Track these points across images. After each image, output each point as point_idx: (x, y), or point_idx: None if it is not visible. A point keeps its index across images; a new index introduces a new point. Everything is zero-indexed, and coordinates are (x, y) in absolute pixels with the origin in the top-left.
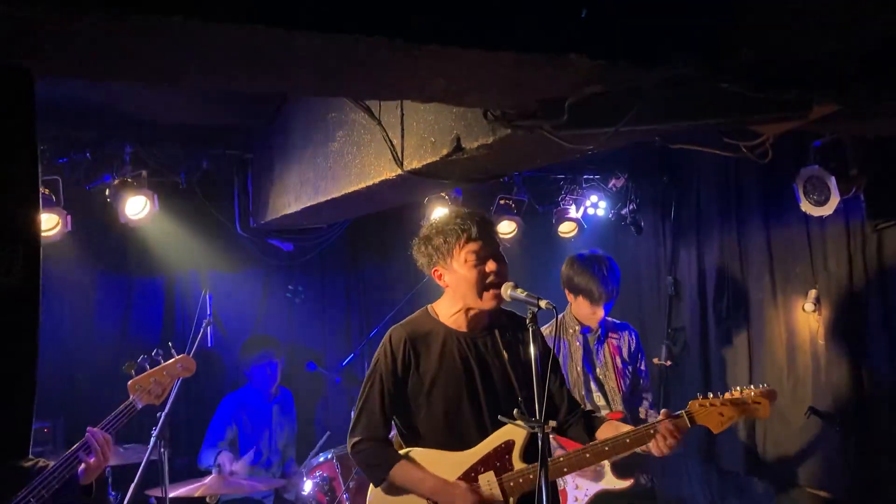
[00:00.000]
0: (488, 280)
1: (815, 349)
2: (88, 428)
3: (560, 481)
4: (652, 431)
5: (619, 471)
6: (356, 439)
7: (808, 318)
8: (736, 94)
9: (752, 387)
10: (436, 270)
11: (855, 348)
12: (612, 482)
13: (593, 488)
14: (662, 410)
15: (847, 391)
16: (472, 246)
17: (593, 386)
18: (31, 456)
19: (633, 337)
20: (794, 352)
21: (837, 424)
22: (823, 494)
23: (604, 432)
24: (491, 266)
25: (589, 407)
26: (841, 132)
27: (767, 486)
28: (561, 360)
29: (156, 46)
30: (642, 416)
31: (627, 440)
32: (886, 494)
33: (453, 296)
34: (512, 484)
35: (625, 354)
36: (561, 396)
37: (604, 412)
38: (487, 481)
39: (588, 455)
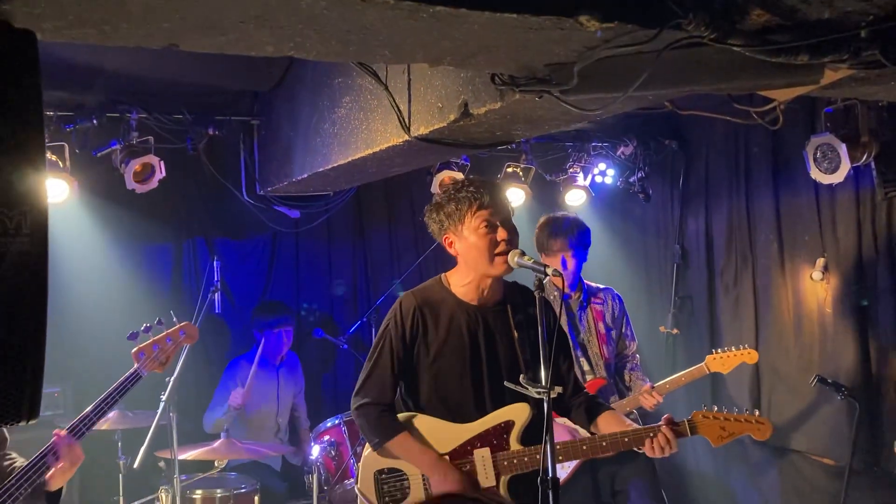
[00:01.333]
0: (499, 248)
1: (822, 317)
2: (55, 432)
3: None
4: (651, 434)
5: None
6: (361, 401)
7: (815, 286)
8: (747, 59)
9: (756, 411)
10: (447, 238)
11: (862, 317)
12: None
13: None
14: (664, 416)
15: (853, 359)
16: (484, 213)
17: (577, 352)
18: (9, 452)
19: (617, 301)
20: (801, 320)
21: (843, 392)
22: (827, 462)
23: (605, 421)
24: (502, 234)
25: (582, 369)
26: (853, 98)
27: (771, 452)
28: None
29: (159, 7)
30: (627, 380)
31: (626, 439)
32: (890, 462)
33: (464, 265)
34: (506, 463)
35: (608, 319)
36: (567, 378)
37: (588, 378)
38: (482, 456)
39: (585, 448)
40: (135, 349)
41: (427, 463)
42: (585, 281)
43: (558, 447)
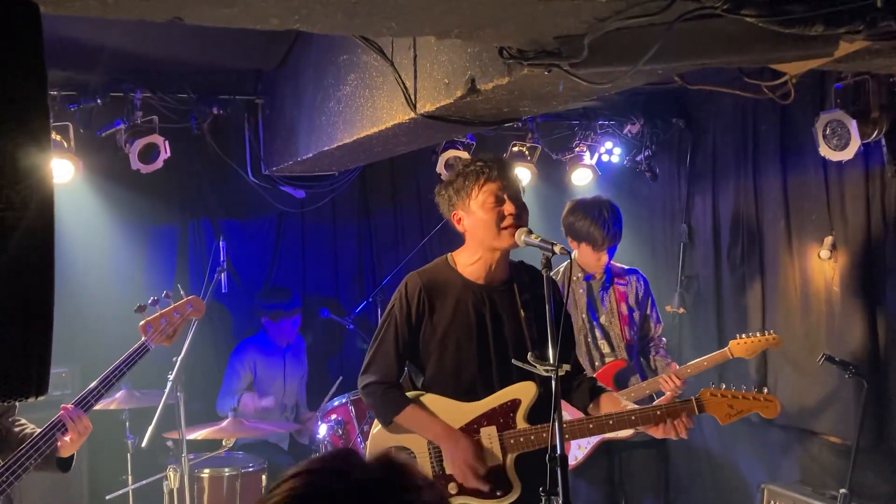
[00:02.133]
0: (505, 222)
1: (829, 296)
2: (63, 406)
3: None
4: (658, 413)
5: None
6: (368, 381)
7: (823, 265)
8: (760, 30)
9: (764, 389)
10: (455, 214)
11: (870, 296)
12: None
13: (594, 437)
14: (668, 395)
15: (861, 338)
16: (491, 187)
17: (598, 333)
18: (19, 418)
19: (642, 282)
20: (808, 299)
21: (850, 371)
22: (834, 440)
23: (605, 403)
24: (509, 208)
25: (597, 354)
26: (865, 72)
27: (778, 432)
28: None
29: None
30: (652, 364)
31: (633, 417)
32: None
33: (471, 242)
34: (512, 441)
35: (631, 301)
36: (567, 360)
37: (608, 360)
38: (488, 435)
39: (591, 426)
40: (142, 322)
41: (437, 432)
42: (610, 262)
43: (564, 426)
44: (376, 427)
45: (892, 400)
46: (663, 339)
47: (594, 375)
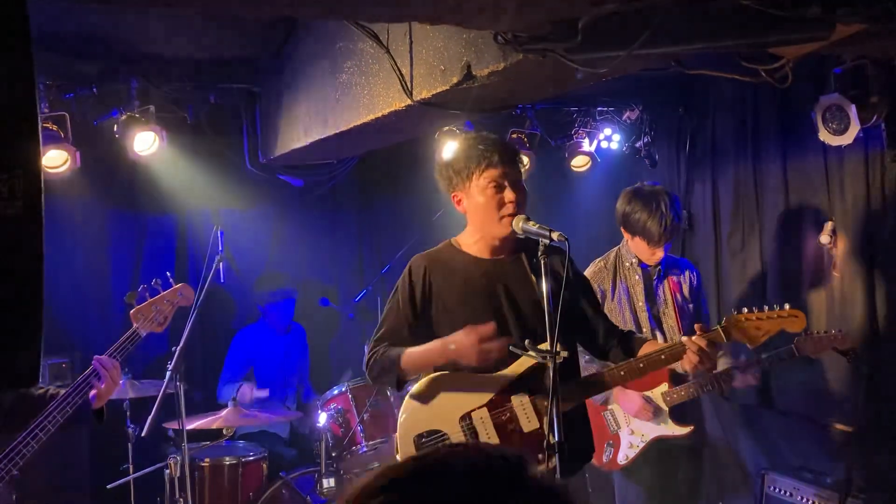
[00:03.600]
0: (506, 210)
1: (829, 282)
2: (95, 356)
3: (613, 426)
4: (686, 346)
5: (678, 417)
6: (367, 357)
7: (823, 250)
8: (755, 13)
9: (786, 305)
10: (455, 195)
11: (870, 281)
12: (671, 428)
13: (651, 434)
14: (696, 325)
15: (861, 324)
16: (493, 172)
17: (651, 325)
18: (42, 385)
19: (695, 275)
20: (809, 284)
21: (850, 357)
22: (834, 425)
23: (644, 351)
24: (509, 195)
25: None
26: (864, 56)
27: (778, 417)
28: (617, 298)
29: None
30: (714, 326)
31: (663, 356)
32: None
33: (471, 224)
34: (546, 404)
35: (685, 292)
36: (597, 320)
37: None
38: (521, 402)
39: (623, 373)
40: (133, 310)
41: (437, 352)
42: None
43: (603, 373)
44: (403, 414)
45: (892, 385)
46: None
47: None
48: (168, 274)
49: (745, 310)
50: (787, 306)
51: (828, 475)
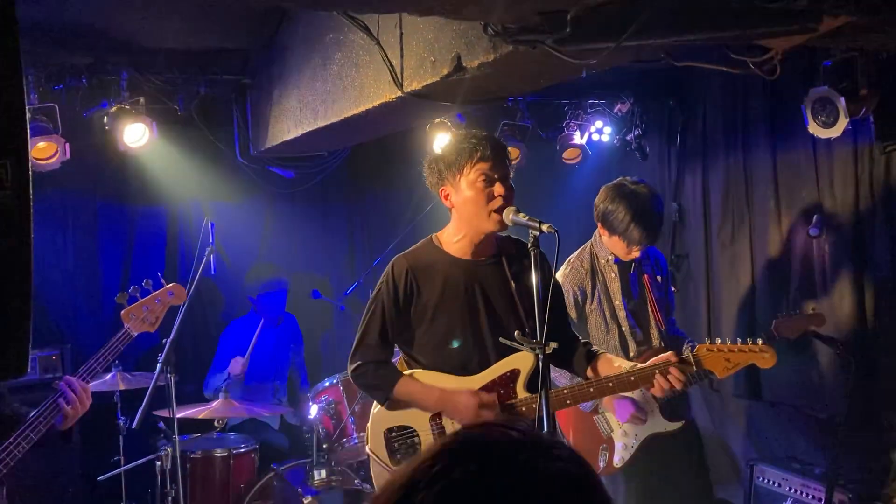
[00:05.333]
0: (495, 203)
1: (819, 274)
2: (65, 377)
3: (606, 429)
4: (657, 371)
5: (670, 412)
6: (356, 364)
7: (812, 242)
8: (743, 5)
9: (759, 340)
10: (443, 189)
11: (859, 273)
12: (662, 425)
13: (643, 433)
14: (669, 353)
15: (850, 315)
16: (483, 166)
17: (630, 322)
18: (14, 403)
19: (662, 262)
20: (798, 276)
21: (838, 348)
22: (823, 417)
23: (603, 366)
24: (499, 189)
25: (632, 344)
26: (853, 49)
27: (767, 408)
28: (597, 299)
29: None
30: (685, 354)
31: (632, 378)
32: (884, 418)
33: (458, 220)
34: (514, 411)
35: (659, 281)
36: (561, 328)
37: (641, 348)
38: None
39: (592, 390)
40: (124, 311)
41: (434, 398)
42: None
43: (565, 391)
44: (376, 407)
45: (879, 377)
46: (674, 318)
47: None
48: (158, 274)
49: (718, 340)
50: (759, 341)
51: (816, 466)
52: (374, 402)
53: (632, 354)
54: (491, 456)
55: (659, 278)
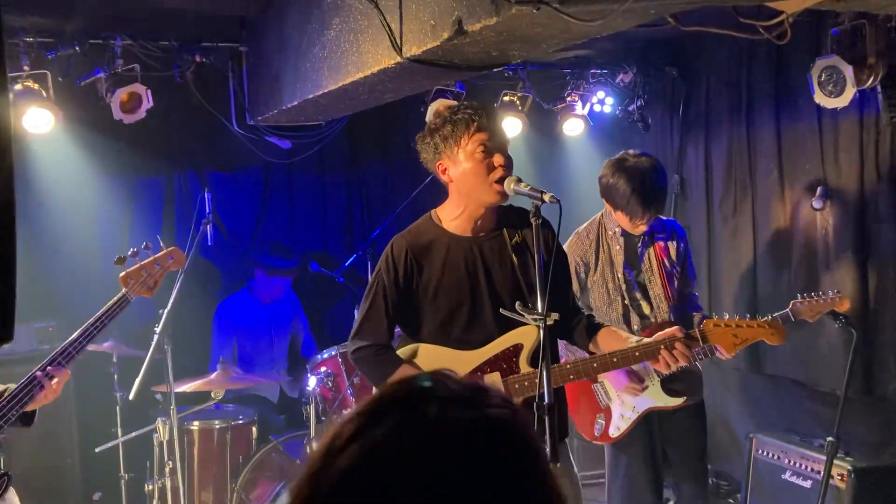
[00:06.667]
0: (496, 174)
1: (822, 247)
2: (48, 368)
3: (604, 399)
4: (662, 347)
5: (670, 388)
6: (358, 345)
7: (815, 215)
8: None
9: (769, 315)
10: (440, 164)
11: (862, 246)
12: (663, 400)
13: (642, 406)
14: (675, 328)
15: (852, 288)
16: (481, 136)
17: (636, 292)
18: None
19: (681, 236)
20: (800, 249)
21: (840, 321)
22: (823, 390)
23: (605, 339)
24: (499, 159)
25: (635, 316)
26: (864, 10)
27: (766, 381)
28: (600, 270)
29: None
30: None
31: (637, 353)
32: (886, 391)
33: (457, 195)
34: (517, 386)
35: (673, 255)
36: (563, 299)
37: (648, 321)
38: (493, 382)
39: (595, 364)
40: (122, 274)
41: None
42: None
43: (568, 366)
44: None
45: (881, 349)
46: (696, 293)
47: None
48: (158, 237)
49: (727, 315)
50: (769, 316)
51: (815, 438)
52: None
53: (635, 327)
54: (405, 411)
55: (673, 251)
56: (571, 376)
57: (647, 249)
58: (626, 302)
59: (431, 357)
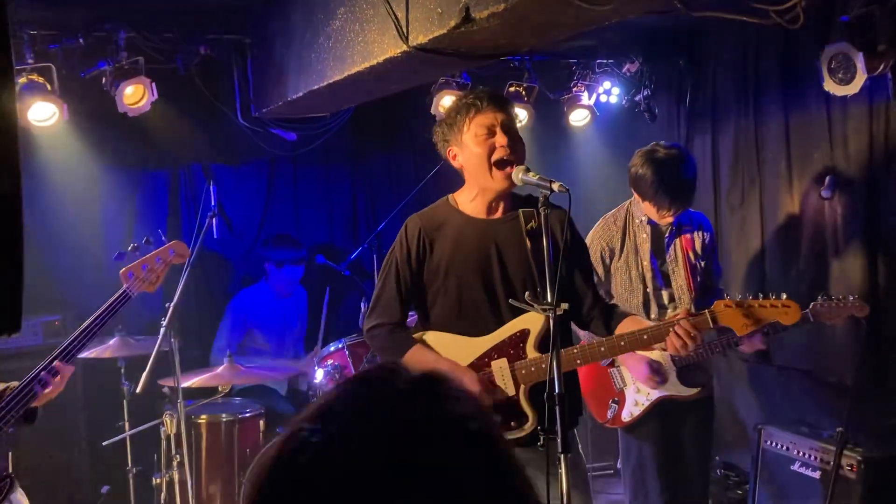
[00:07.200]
0: (497, 154)
1: (831, 236)
2: (55, 364)
3: (619, 383)
4: (671, 329)
5: (686, 378)
6: (371, 324)
7: (824, 204)
8: None
9: (783, 295)
10: (450, 150)
11: (871, 235)
12: (677, 389)
13: (656, 394)
14: (683, 308)
15: (861, 278)
16: (482, 118)
17: (658, 282)
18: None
19: (708, 231)
20: (809, 239)
21: (863, 328)
22: (832, 381)
23: (625, 327)
24: (501, 139)
25: (654, 305)
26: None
27: (775, 372)
28: (624, 256)
29: None
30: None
31: (645, 336)
32: (894, 381)
33: (468, 179)
34: (524, 372)
35: (698, 249)
36: (585, 288)
37: (668, 311)
38: (500, 367)
39: (603, 349)
40: (123, 269)
41: (444, 369)
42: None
43: (576, 351)
44: None
45: (890, 339)
46: (722, 289)
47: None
48: (160, 231)
49: (739, 296)
50: (783, 296)
51: (825, 429)
52: None
53: (653, 316)
54: (351, 416)
55: (699, 244)
56: (578, 361)
57: (674, 240)
58: (647, 290)
59: (439, 344)
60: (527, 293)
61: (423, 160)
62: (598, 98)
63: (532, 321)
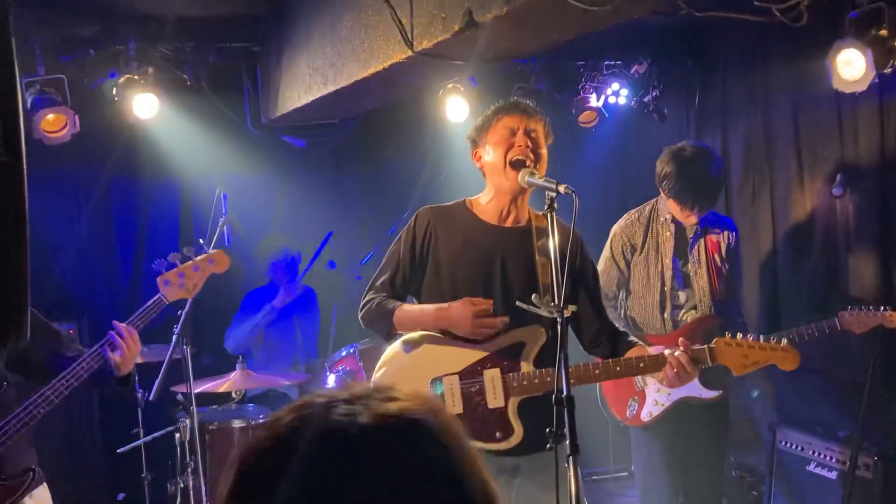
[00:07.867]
0: (513, 153)
1: (842, 234)
2: (114, 323)
3: (640, 382)
4: (667, 362)
5: (707, 381)
6: (365, 300)
7: (835, 202)
8: None
9: (783, 339)
10: (476, 152)
11: (884, 233)
12: (697, 390)
13: (676, 394)
14: (680, 339)
15: (874, 277)
16: (508, 121)
17: (676, 282)
18: (73, 344)
19: (734, 235)
20: (820, 238)
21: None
22: (847, 381)
23: (631, 355)
24: (521, 139)
25: (669, 304)
26: None
27: (790, 373)
28: (645, 253)
29: None
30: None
31: (641, 364)
32: None
33: (487, 179)
34: (515, 384)
35: (723, 252)
36: (591, 314)
37: (682, 312)
38: (491, 377)
39: (598, 372)
40: (160, 277)
41: (433, 317)
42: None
43: (570, 370)
44: (382, 368)
45: None
46: (740, 297)
47: (679, 326)
48: (201, 241)
49: (739, 335)
50: (784, 341)
51: (840, 429)
52: (379, 363)
53: (666, 315)
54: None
55: (724, 248)
56: (573, 380)
57: (698, 241)
58: (665, 289)
59: (435, 349)
60: (534, 295)
61: (433, 164)
62: (606, 99)
63: (530, 335)
